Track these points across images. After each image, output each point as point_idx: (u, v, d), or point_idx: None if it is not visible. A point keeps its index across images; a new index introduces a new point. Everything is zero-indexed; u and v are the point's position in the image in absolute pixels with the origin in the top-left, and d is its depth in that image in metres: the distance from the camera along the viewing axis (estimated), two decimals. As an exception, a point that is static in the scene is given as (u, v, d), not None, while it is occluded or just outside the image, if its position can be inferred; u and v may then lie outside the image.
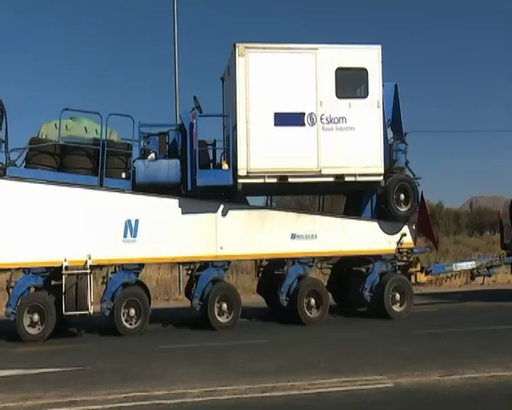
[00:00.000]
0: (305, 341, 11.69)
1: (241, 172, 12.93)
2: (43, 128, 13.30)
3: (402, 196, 14.04)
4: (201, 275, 13.43)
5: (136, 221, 12.96)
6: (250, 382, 8.17)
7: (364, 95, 13.62)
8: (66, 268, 12.45)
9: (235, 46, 13.02)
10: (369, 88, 13.54)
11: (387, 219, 14.13)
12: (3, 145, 13.32)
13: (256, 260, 15.29)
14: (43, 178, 12.80)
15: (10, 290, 12.73)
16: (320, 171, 13.25)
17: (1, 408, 7.21)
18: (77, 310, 12.41)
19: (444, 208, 45.95)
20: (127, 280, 13.07)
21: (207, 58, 49.90)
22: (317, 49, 13.34)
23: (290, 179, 13.21)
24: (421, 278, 14.78)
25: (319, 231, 13.67)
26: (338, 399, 7.42)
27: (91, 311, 12.56)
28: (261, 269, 15.44)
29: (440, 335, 11.66)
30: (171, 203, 13.14)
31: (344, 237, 13.83)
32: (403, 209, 14.05)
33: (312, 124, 13.17)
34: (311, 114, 13.17)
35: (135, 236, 12.96)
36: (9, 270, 13.10)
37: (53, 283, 12.97)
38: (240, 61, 12.96)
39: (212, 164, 13.82)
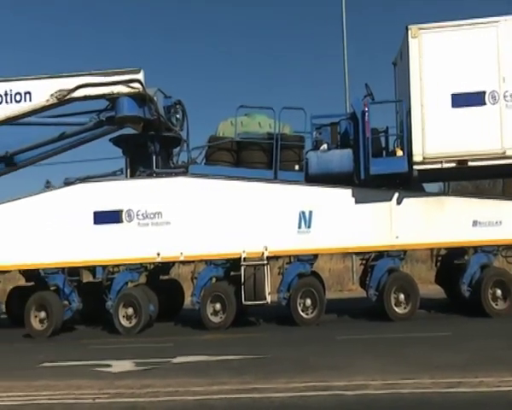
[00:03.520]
0: (492, 334, 10.94)
1: (417, 158, 12.44)
2: (220, 126, 13.96)
3: None
4: (377, 265, 13.19)
5: (310, 212, 13.06)
6: (433, 376, 7.78)
7: (558, 65, 12.36)
8: (245, 259, 12.92)
9: (407, 28, 12.53)
10: None
11: None
12: (185, 145, 14.23)
13: (432, 249, 14.68)
14: (222, 173, 13.39)
15: (194, 281, 13.51)
16: (504, 152, 12.30)
17: (191, 392, 7.61)
18: (255, 300, 12.81)
19: None
20: (302, 271, 13.24)
21: (377, 44, 48.85)
22: (498, 21, 12.37)
23: (470, 163, 12.43)
24: None
25: (505, 217, 12.72)
26: (534, 399, 6.82)
27: (269, 301, 12.90)
28: (439, 258, 14.79)
29: None
30: (345, 193, 13.04)
31: (535, 223, 12.74)
32: None
33: (494, 102, 12.27)
34: (492, 92, 12.28)
35: (309, 227, 13.07)
36: (193, 262, 13.92)
37: (232, 273, 13.53)
38: (413, 43, 12.46)
39: (385, 152, 13.51)
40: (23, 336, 13.52)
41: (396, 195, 12.94)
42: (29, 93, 13.26)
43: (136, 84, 13.16)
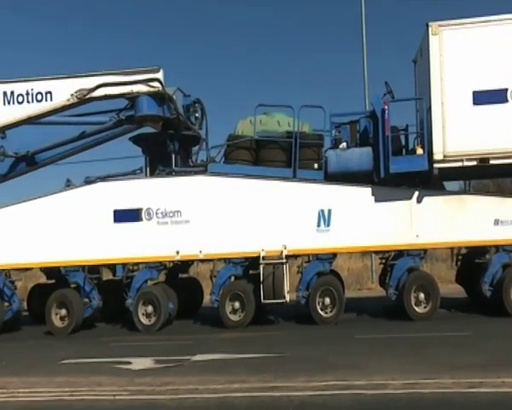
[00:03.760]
0: (514, 335, 10.86)
1: (437, 156, 12.33)
2: (239, 125, 13.98)
3: None
4: (396, 264, 13.12)
5: (329, 211, 13.02)
6: (454, 376, 7.71)
7: None
8: (264, 258, 12.91)
9: (427, 25, 12.42)
10: None
11: None
12: (204, 143, 14.27)
13: (452, 248, 14.55)
14: (240, 172, 13.41)
15: (213, 279, 13.53)
16: (526, 150, 12.17)
17: (211, 390, 7.63)
18: (274, 298, 12.81)
19: None
20: (321, 269, 13.21)
21: (397, 41, 48.40)
22: None
23: (492, 161, 12.28)
24: None
25: None
26: (557, 400, 6.73)
27: (287, 299, 12.89)
28: (459, 257, 14.66)
29: None
30: (364, 192, 12.98)
31: (559, 222, 12.56)
32: None
33: (517, 99, 12.14)
34: None
35: (328, 225, 13.03)
36: (212, 260, 13.95)
37: (251, 272, 13.54)
38: (433, 40, 12.34)
39: (404, 150, 13.43)
40: (44, 334, 13.66)
41: (416, 193, 12.85)
42: (50, 93, 13.37)
43: (156, 83, 13.20)
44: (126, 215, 13.51)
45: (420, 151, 12.65)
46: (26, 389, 8.15)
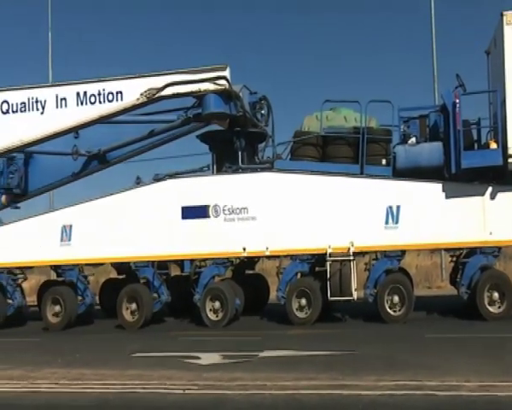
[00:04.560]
0: None
1: (512, 150, 11.92)
2: (305, 121, 13.93)
3: None
4: (469, 262, 12.75)
5: (398, 207, 12.77)
6: (532, 379, 7.44)
7: None
8: (331, 255, 12.81)
9: (502, 15, 12.00)
10: None
11: None
12: (271, 140, 14.27)
13: (527, 246, 14.00)
14: (307, 168, 13.35)
15: (279, 276, 13.53)
16: None
17: (279, 386, 7.61)
18: (341, 296, 12.70)
19: None
20: (390, 267, 12.98)
21: (469, 31, 46.57)
22: None
23: None
24: None
25: None
26: None
27: (355, 297, 12.74)
28: (536, 256, 14.13)
29: None
30: (434, 188, 12.66)
31: None
32: None
33: None
34: None
35: (396, 222, 12.79)
36: (278, 257, 13.94)
37: (317, 269, 13.46)
38: (508, 30, 11.91)
39: (477, 144, 13.02)
40: (115, 327, 14.02)
41: (489, 189, 12.44)
42: (120, 92, 13.68)
43: (223, 81, 13.30)
44: (194, 212, 13.68)
45: (494, 146, 12.25)
46: (99, 381, 8.36)
